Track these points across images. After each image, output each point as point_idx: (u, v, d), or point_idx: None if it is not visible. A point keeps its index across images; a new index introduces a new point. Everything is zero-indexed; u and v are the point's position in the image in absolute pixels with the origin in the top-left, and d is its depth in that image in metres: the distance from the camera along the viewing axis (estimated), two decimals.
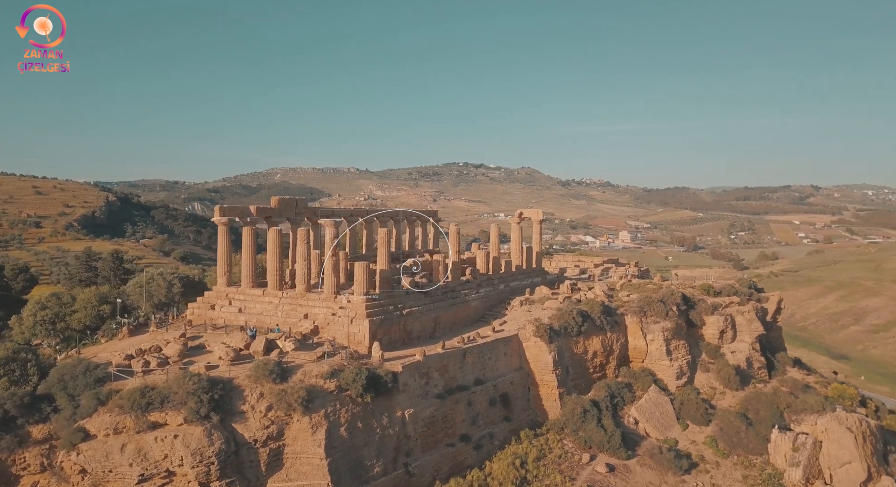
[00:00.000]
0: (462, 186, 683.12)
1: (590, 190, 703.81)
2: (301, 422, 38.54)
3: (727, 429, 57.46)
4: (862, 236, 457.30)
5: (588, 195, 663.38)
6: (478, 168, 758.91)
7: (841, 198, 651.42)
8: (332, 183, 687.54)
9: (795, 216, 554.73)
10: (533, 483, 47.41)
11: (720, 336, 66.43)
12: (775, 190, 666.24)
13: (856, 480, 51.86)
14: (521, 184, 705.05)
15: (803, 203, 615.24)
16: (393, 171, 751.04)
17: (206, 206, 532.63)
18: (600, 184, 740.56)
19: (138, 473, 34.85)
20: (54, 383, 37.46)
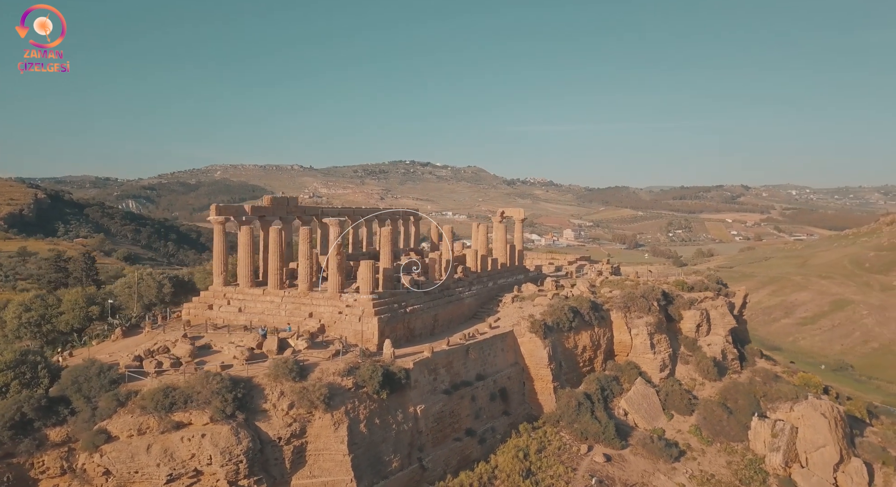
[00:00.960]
0: (409, 184, 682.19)
1: (534, 189, 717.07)
2: (323, 419, 38.88)
3: (710, 418, 60.48)
4: (788, 233, 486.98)
5: (532, 194, 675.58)
6: (424, 166, 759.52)
7: (769, 197, 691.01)
8: (276, 180, 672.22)
9: (728, 214, 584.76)
10: (537, 475, 48.86)
11: (696, 329, 69.79)
12: (709, 189, 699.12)
13: (829, 462, 55.74)
14: (467, 183, 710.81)
15: (735, 202, 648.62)
16: (338, 169, 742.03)
17: (141, 204, 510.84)
18: (544, 184, 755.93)
19: (166, 473, 34.67)
20: (68, 385, 36.83)
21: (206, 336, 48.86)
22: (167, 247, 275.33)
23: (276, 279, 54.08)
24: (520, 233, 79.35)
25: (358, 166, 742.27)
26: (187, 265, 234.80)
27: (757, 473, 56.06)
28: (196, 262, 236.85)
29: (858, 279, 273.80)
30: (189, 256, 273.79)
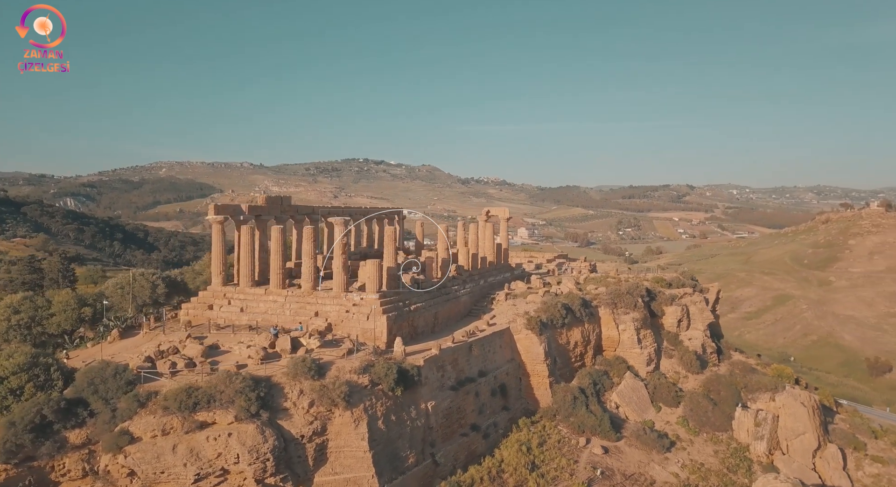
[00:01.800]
0: (363, 183, 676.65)
1: (488, 188, 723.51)
2: (343, 417, 39.33)
3: (696, 410, 62.94)
4: (731, 231, 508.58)
5: (487, 193, 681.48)
6: (378, 164, 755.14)
7: (712, 196, 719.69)
8: (225, 178, 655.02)
9: (674, 213, 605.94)
10: (542, 467, 50.15)
11: (678, 324, 72.38)
12: (656, 189, 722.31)
13: (809, 449, 58.97)
14: (422, 182, 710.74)
15: (680, 201, 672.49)
16: (289, 166, 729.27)
17: (80, 202, 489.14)
18: (497, 183, 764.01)
19: (194, 472, 34.68)
20: (84, 387, 36.56)
21: (209, 336, 48.42)
22: (113, 247, 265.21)
23: (279, 278, 53.75)
24: (505, 232, 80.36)
25: (310, 164, 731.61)
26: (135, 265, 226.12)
27: (742, 461, 58.77)
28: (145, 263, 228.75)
29: (798, 275, 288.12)
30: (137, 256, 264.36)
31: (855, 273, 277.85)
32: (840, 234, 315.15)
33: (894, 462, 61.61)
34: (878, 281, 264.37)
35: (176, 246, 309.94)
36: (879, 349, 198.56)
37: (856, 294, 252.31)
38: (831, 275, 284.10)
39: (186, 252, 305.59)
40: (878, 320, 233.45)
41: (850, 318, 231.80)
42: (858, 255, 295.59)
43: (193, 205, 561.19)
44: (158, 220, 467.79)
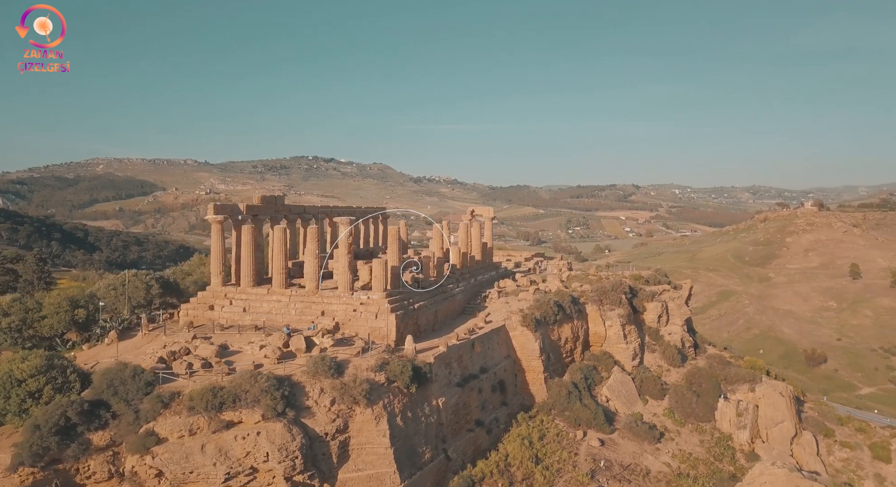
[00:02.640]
0: (313, 181, 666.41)
1: (440, 187, 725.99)
2: (364, 414, 39.78)
3: (681, 402, 65.45)
4: (675, 230, 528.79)
5: (439, 192, 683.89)
6: (328, 162, 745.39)
7: (656, 196, 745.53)
8: (167, 175, 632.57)
9: (621, 212, 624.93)
10: (545, 460, 51.59)
11: (658, 320, 75.02)
12: (603, 188, 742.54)
13: (787, 436, 62.33)
14: (373, 180, 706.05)
15: (626, 200, 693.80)
16: (236, 164, 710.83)
17: (9, 200, 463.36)
18: (449, 182, 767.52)
19: (224, 472, 34.68)
20: (103, 388, 36.37)
21: (215, 336, 47.93)
22: (51, 248, 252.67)
23: (282, 278, 53.47)
24: (489, 231, 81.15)
25: (257, 161, 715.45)
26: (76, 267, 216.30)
27: (726, 450, 61.56)
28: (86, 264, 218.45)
29: (740, 271, 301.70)
30: (77, 257, 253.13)
31: (792, 269, 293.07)
32: (778, 232, 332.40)
33: (860, 446, 65.95)
34: (812, 276, 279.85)
35: (119, 246, 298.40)
36: (815, 341, 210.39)
37: (793, 289, 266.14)
38: (770, 272, 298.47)
39: (130, 252, 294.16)
40: (813, 314, 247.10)
41: (789, 313, 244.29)
42: (795, 252, 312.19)
43: (134, 204, 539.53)
44: (97, 219, 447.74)
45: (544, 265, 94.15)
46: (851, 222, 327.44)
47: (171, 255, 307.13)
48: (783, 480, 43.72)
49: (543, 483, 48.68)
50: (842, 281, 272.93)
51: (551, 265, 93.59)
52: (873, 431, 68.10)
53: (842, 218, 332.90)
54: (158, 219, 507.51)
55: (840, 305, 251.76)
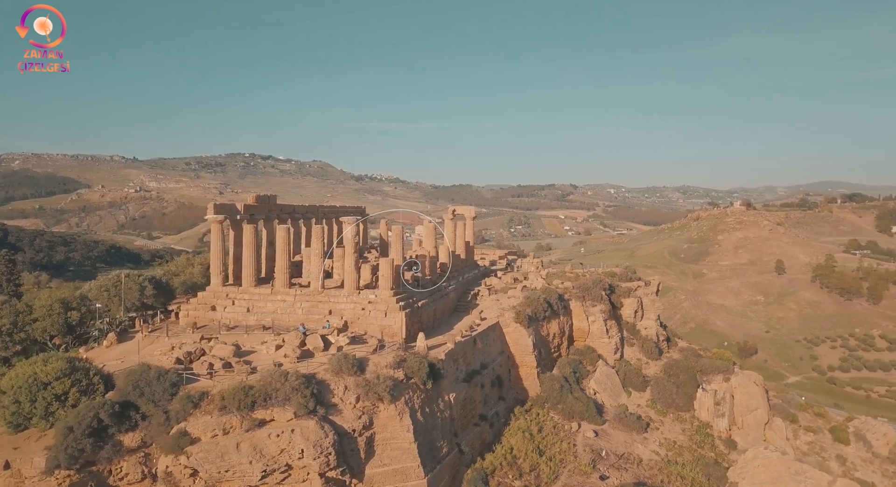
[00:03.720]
0: (250, 179, 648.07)
1: (382, 185, 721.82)
2: (388, 410, 40.68)
3: (662, 393, 68.52)
4: (612, 228, 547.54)
5: (381, 190, 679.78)
6: (266, 159, 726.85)
7: (593, 195, 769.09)
8: (92, 172, 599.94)
9: (560, 211, 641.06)
10: (547, 452, 53.47)
11: (634, 315, 78.13)
12: (543, 188, 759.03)
13: (761, 423, 66.37)
14: (314, 178, 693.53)
15: (565, 200, 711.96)
16: (167, 161, 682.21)
17: None
18: (391, 180, 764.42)
19: (260, 469, 34.94)
20: (129, 390, 36.52)
21: (221, 337, 47.69)
22: None
23: (285, 277, 53.09)
24: (471, 230, 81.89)
25: (191, 158, 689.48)
26: None
27: (706, 437, 64.97)
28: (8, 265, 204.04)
29: (676, 268, 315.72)
30: None
31: (723, 265, 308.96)
32: (710, 231, 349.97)
33: (822, 430, 71.13)
34: (742, 272, 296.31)
35: (44, 246, 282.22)
36: (746, 334, 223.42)
37: (725, 284, 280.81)
38: (704, 268, 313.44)
39: (56, 253, 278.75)
40: (743, 308, 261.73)
41: (721, 307, 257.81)
42: (726, 250, 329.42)
43: (56, 202, 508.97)
44: (14, 218, 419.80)
45: (518, 263, 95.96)
46: (776, 220, 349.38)
47: (102, 256, 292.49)
48: (776, 463, 46.71)
49: (549, 473, 50.28)
50: (768, 276, 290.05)
51: (525, 263, 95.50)
52: (830, 416, 73.74)
53: (767, 216, 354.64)
54: (83, 217, 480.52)
55: (767, 299, 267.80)
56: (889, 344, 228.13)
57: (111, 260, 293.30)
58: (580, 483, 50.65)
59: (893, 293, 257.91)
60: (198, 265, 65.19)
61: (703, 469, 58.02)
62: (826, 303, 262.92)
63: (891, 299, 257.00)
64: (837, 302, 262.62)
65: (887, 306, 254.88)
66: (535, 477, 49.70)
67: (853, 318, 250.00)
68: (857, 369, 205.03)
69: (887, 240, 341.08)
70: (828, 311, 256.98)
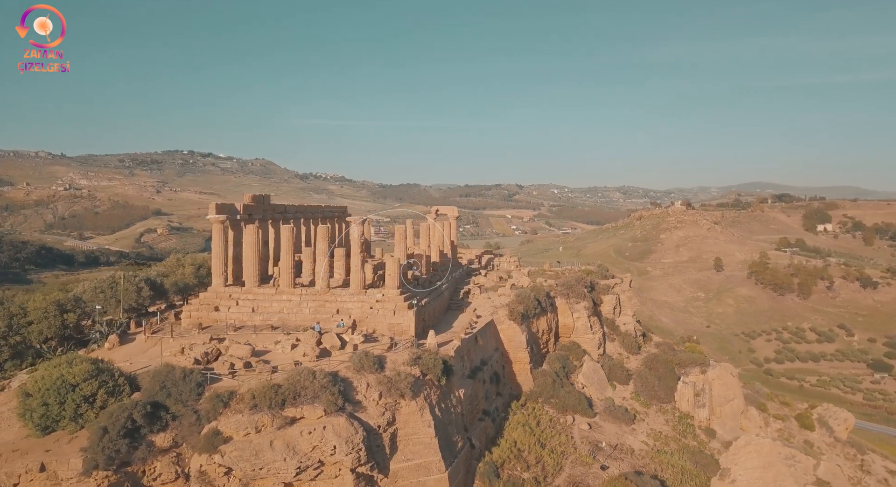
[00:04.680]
0: (189, 176, 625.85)
1: (328, 184, 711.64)
2: (409, 406, 41.59)
3: (645, 385, 71.22)
4: (557, 228, 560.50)
5: (328, 189, 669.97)
6: (206, 157, 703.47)
7: (538, 195, 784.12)
8: (15, 169, 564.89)
9: (507, 211, 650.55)
10: (548, 444, 55.19)
11: (613, 311, 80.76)
12: (489, 188, 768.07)
13: (737, 412, 70.03)
14: (256, 176, 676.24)
15: (511, 200, 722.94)
16: (98, 158, 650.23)
17: None
18: (337, 179, 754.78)
19: (295, 466, 35.28)
20: (156, 390, 36.58)
21: (230, 337, 47.54)
22: None
23: (290, 277, 52.58)
24: (455, 229, 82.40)
25: (124, 155, 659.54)
26: None
27: (688, 427, 68.04)
28: None
29: (622, 266, 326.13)
30: None
31: (666, 263, 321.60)
32: (653, 229, 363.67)
33: (788, 418, 75.73)
34: (683, 270, 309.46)
35: None
36: (689, 329, 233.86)
37: (668, 282, 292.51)
38: (648, 266, 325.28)
39: None
40: (685, 304, 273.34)
41: (665, 303, 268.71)
42: (668, 248, 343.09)
43: None
44: None
45: (496, 262, 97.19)
46: (713, 220, 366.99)
47: (32, 257, 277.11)
48: (767, 448, 49.64)
49: (553, 464, 51.82)
50: (708, 273, 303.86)
51: (503, 262, 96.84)
52: (794, 405, 78.61)
53: (705, 216, 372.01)
54: (6, 217, 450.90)
55: (707, 295, 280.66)
56: (818, 337, 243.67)
57: (42, 261, 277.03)
58: (583, 474, 52.25)
59: (821, 288, 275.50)
60: (188, 265, 63.12)
61: (690, 457, 60.86)
62: (761, 299, 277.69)
63: (819, 294, 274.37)
64: (771, 297, 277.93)
65: (816, 300, 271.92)
66: (541, 469, 51.06)
67: (785, 313, 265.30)
68: (791, 361, 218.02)
69: (813, 238, 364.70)
70: (762, 306, 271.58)
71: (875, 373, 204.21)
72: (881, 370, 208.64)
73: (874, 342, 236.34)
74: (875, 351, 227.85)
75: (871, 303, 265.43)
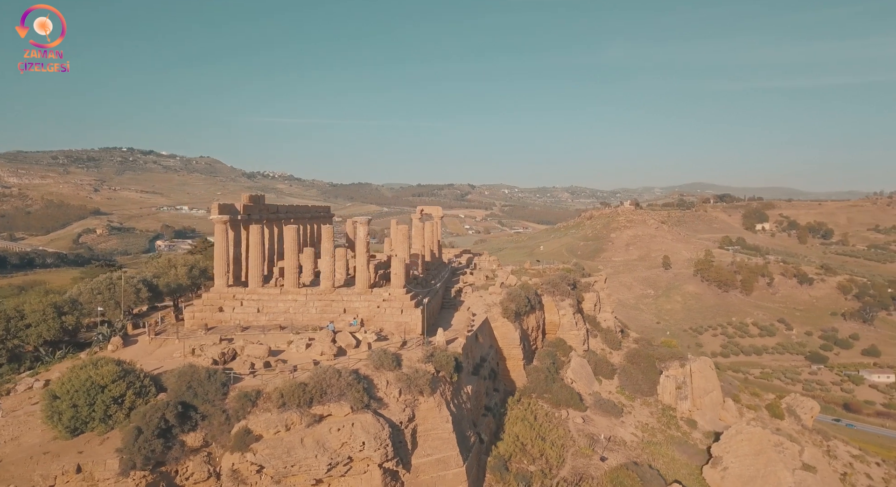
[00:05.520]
0: (129, 175, 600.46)
1: (277, 183, 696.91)
2: (427, 403, 42.40)
3: (629, 380, 73.53)
4: (509, 227, 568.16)
5: (276, 188, 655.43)
6: (147, 155, 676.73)
7: (490, 195, 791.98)
8: None
9: (460, 210, 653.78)
10: (548, 438, 56.56)
11: (594, 308, 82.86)
12: (442, 187, 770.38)
13: (717, 403, 73.20)
14: (201, 175, 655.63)
15: (464, 199, 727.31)
16: (29, 154, 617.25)
17: None
18: (286, 178, 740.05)
19: (326, 463, 35.72)
20: (184, 390, 36.70)
21: (237, 337, 47.27)
22: None
23: (294, 277, 52.58)
24: (439, 229, 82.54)
25: (58, 152, 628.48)
26: None
27: (671, 419, 70.67)
28: None
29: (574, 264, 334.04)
30: None
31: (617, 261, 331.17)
32: (603, 229, 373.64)
33: (760, 408, 79.64)
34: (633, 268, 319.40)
35: None
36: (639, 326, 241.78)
37: (618, 279, 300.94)
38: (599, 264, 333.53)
39: None
40: (636, 301, 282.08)
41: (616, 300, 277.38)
42: (618, 247, 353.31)
43: None
44: None
45: (476, 261, 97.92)
46: (660, 219, 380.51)
47: None
48: (758, 436, 52.34)
49: (556, 457, 53.32)
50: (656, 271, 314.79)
51: (484, 261, 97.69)
52: (764, 395, 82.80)
53: (653, 216, 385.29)
54: None
55: (656, 293, 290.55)
56: (760, 331, 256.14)
57: None
58: (585, 465, 53.80)
59: (762, 285, 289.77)
60: (181, 266, 60.99)
61: (678, 447, 63.39)
62: (707, 295, 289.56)
63: (760, 290, 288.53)
64: (716, 294, 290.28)
65: (758, 296, 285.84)
66: (545, 462, 52.39)
67: (730, 308, 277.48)
68: (736, 354, 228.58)
69: (753, 236, 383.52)
70: (708, 303, 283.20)
71: (812, 365, 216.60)
72: (818, 361, 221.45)
73: (811, 335, 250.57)
74: (812, 344, 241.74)
75: (807, 299, 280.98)
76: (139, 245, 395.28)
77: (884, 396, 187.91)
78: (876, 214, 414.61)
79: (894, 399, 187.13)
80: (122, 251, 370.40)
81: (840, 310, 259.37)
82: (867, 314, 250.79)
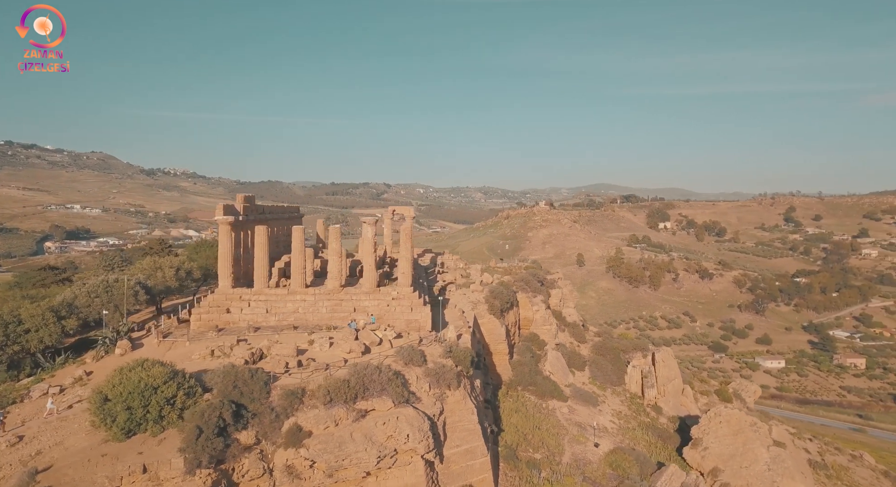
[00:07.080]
0: (8, 170, 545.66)
1: (179, 181, 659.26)
2: (454, 396, 44.41)
3: (600, 371, 77.15)
4: (427, 226, 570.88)
5: (179, 186, 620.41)
6: (29, 149, 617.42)
7: (406, 194, 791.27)
8: None
9: (375, 209, 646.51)
10: (542, 427, 58.95)
11: (560, 303, 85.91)
12: (357, 186, 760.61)
13: (678, 389, 78.30)
14: (93, 171, 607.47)
15: (380, 199, 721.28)
16: None
17: None
18: (189, 175, 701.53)
19: (375, 455, 37.14)
20: (230, 390, 37.27)
21: (252, 338, 47.80)
22: None
23: (302, 278, 52.70)
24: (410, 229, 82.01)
25: None
26: None
27: (640, 406, 75.01)
28: None
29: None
30: None
31: (534, 259, 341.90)
32: (521, 228, 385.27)
33: (711, 393, 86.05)
34: (550, 265, 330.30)
35: None
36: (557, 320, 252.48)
37: None
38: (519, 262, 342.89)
39: None
40: None
41: None
42: (535, 245, 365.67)
43: None
44: None
45: (440, 260, 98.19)
46: (573, 218, 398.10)
47: None
48: (736, 418, 56.97)
49: (556, 445, 56.15)
50: (572, 268, 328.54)
51: (449, 260, 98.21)
52: (711, 381, 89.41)
53: (566, 215, 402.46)
54: None
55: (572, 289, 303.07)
56: (668, 324, 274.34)
57: None
58: (583, 451, 56.60)
59: (668, 280, 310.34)
60: (167, 268, 57.00)
61: (653, 432, 67.40)
62: (618, 291, 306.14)
63: (667, 285, 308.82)
64: (627, 289, 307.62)
65: (665, 291, 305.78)
66: (547, 449, 54.96)
67: (640, 303, 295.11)
68: None
69: (657, 234, 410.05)
70: (621, 298, 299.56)
71: (715, 354, 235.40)
72: (719, 350, 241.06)
73: (712, 326, 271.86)
74: (713, 335, 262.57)
75: (708, 292, 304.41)
76: (25, 247, 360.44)
77: (776, 380, 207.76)
78: (761, 214, 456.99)
79: (785, 382, 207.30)
80: (6, 254, 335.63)
81: (736, 303, 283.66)
82: (759, 306, 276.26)
